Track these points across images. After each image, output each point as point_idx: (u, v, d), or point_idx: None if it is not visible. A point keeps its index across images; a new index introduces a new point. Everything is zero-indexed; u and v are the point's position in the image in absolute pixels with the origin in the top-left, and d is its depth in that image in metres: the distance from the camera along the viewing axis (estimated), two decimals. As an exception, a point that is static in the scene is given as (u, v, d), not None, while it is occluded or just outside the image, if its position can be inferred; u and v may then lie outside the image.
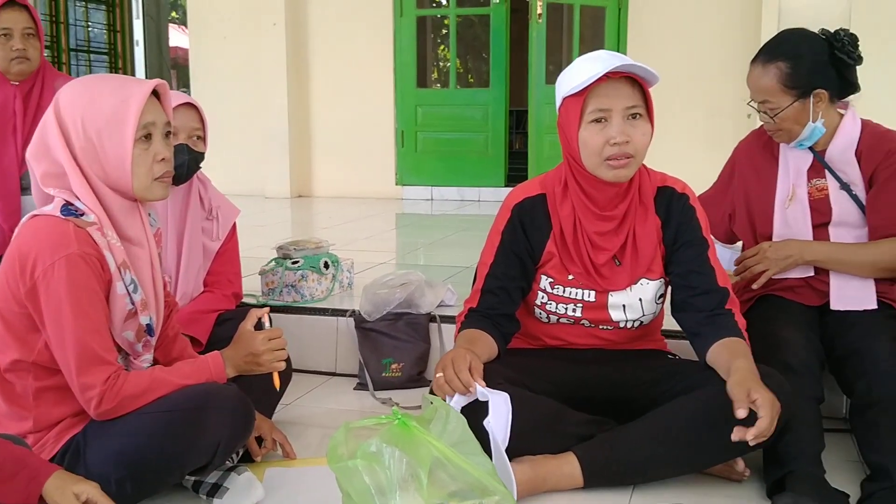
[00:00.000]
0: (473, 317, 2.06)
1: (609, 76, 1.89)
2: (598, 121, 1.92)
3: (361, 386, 2.66)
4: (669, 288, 2.10)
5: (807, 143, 2.28)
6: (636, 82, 1.91)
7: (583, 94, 1.92)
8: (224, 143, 7.02)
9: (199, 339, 2.25)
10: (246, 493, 1.83)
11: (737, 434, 1.68)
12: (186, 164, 2.26)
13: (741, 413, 1.67)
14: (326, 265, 2.99)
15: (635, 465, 1.88)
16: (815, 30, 2.32)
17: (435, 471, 1.41)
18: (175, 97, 2.23)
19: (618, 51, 6.02)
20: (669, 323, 2.19)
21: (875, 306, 2.22)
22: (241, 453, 1.99)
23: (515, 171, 6.44)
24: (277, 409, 2.34)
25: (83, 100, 1.66)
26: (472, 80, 10.49)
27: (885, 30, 5.11)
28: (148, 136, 1.69)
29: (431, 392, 1.92)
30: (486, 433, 1.74)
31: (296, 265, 2.93)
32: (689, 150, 5.73)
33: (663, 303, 2.12)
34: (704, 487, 1.84)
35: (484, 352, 1.99)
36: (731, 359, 1.84)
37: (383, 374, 2.65)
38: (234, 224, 2.50)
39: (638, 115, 1.92)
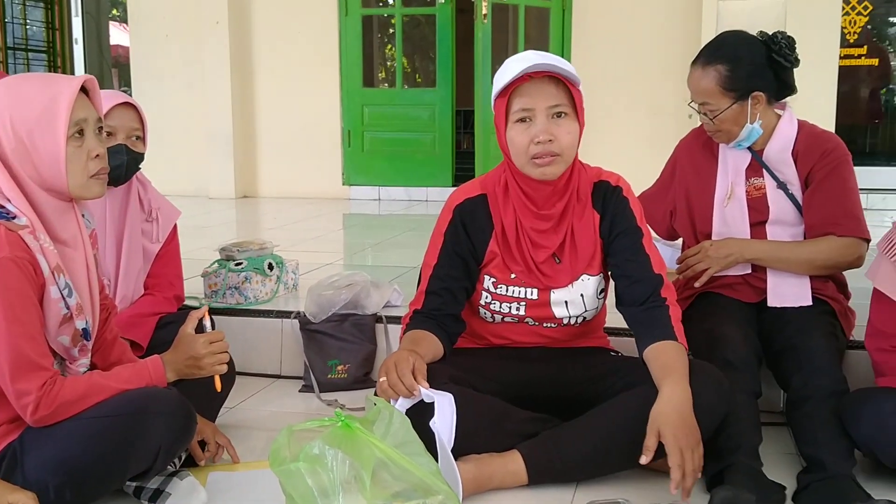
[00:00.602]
0: (418, 318, 2.06)
1: (532, 76, 1.90)
2: (522, 120, 1.94)
3: (307, 388, 2.65)
4: (611, 283, 2.12)
5: (745, 144, 2.33)
6: (561, 82, 1.93)
7: (507, 94, 1.94)
8: (166, 143, 6.91)
9: (140, 342, 2.21)
10: (188, 498, 1.80)
11: (642, 460, 1.74)
12: (126, 164, 2.22)
13: (643, 460, 1.74)
14: (271, 266, 2.97)
15: (579, 461, 1.90)
16: (753, 32, 2.37)
17: (378, 472, 1.41)
18: (113, 97, 2.19)
19: (562, 51, 6.10)
20: (612, 320, 2.22)
21: (810, 303, 2.28)
22: (183, 457, 1.96)
23: (463, 171, 6.46)
24: (221, 413, 2.31)
25: (10, 100, 1.62)
26: (419, 80, 10.49)
27: (819, 32, 5.25)
28: (80, 133, 1.67)
29: (376, 394, 1.92)
30: (432, 434, 1.74)
31: (239, 267, 2.89)
32: (633, 148, 5.81)
33: (605, 298, 2.14)
34: (647, 482, 1.86)
35: (429, 352, 1.99)
36: (659, 379, 1.86)
37: (329, 376, 2.64)
38: (175, 226, 2.47)
39: (563, 114, 1.93)
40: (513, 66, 1.92)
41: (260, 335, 2.81)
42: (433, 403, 1.77)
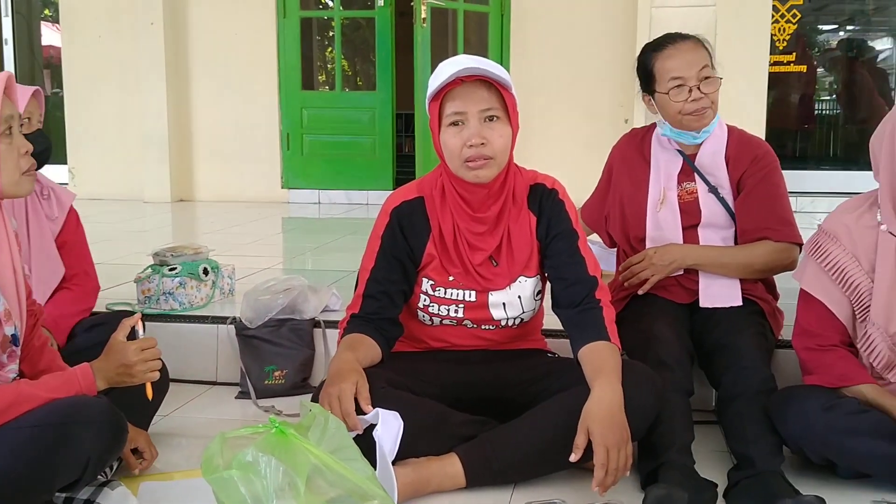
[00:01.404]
0: (356, 322, 2.06)
1: (464, 80, 1.91)
2: (455, 123, 1.95)
3: (243, 394, 2.61)
4: (548, 284, 2.14)
5: (705, 135, 2.37)
6: (493, 86, 1.94)
7: (440, 98, 1.95)
8: (99, 146, 6.79)
9: (59, 343, 2.18)
10: (119, 509, 1.77)
11: (572, 457, 1.77)
12: (49, 149, 2.19)
13: (572, 458, 1.77)
14: (206, 271, 2.92)
15: (516, 462, 1.91)
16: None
17: (313, 478, 1.40)
18: (22, 88, 2.16)
19: (500, 56, 6.14)
20: (550, 322, 2.24)
21: (740, 303, 2.34)
22: (115, 467, 1.92)
23: (404, 174, 6.45)
24: (155, 421, 2.27)
25: None
26: (360, 83, 10.46)
27: (749, 40, 5.38)
28: (9, 131, 1.63)
29: (314, 399, 1.91)
30: (374, 440, 1.75)
31: (173, 272, 2.84)
32: (570, 152, 5.88)
33: (542, 299, 2.16)
34: (584, 482, 1.87)
35: (366, 357, 1.99)
36: (592, 378, 1.88)
37: (266, 382, 2.61)
38: (76, 214, 2.42)
39: (495, 118, 1.95)
40: (445, 70, 1.93)
41: (195, 341, 2.76)
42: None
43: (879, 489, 1.92)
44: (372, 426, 1.80)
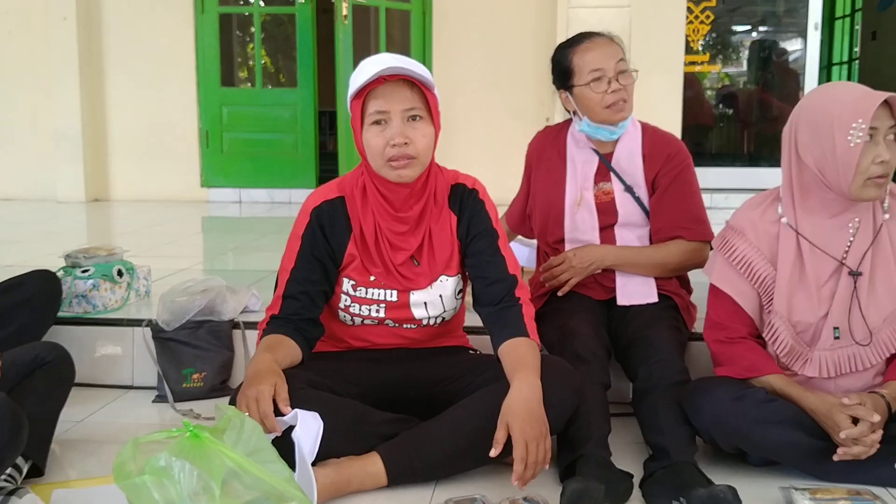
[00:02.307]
0: (275, 323, 2.03)
1: (387, 79, 1.91)
2: (378, 122, 1.94)
3: (161, 398, 2.56)
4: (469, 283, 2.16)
5: (620, 132, 2.41)
6: (416, 85, 1.95)
7: (362, 97, 1.94)
8: (11, 144, 6.56)
9: None
10: (29, 517, 1.71)
11: (492, 452, 1.78)
12: None
13: (492, 453, 1.78)
14: (120, 273, 2.85)
15: (437, 459, 1.92)
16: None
17: (229, 481, 1.38)
18: None
19: (423, 54, 6.15)
20: (471, 320, 2.25)
21: (656, 300, 2.39)
22: (24, 472, 1.86)
23: (328, 173, 6.39)
24: (69, 427, 2.21)
25: None
26: (283, 80, 10.33)
27: (663, 39, 5.50)
28: None
29: (232, 401, 1.88)
30: (293, 442, 1.73)
31: (86, 274, 2.77)
32: (494, 151, 5.92)
33: (463, 298, 2.17)
34: (505, 477, 1.89)
35: (286, 358, 1.97)
36: (511, 374, 1.90)
37: (184, 385, 2.56)
38: None
39: (418, 117, 1.95)
40: (367, 69, 1.92)
41: (110, 345, 2.69)
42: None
43: (787, 476, 1.99)
44: (291, 427, 1.78)
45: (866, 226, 2.02)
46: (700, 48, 6.39)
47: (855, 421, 1.88)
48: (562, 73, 2.43)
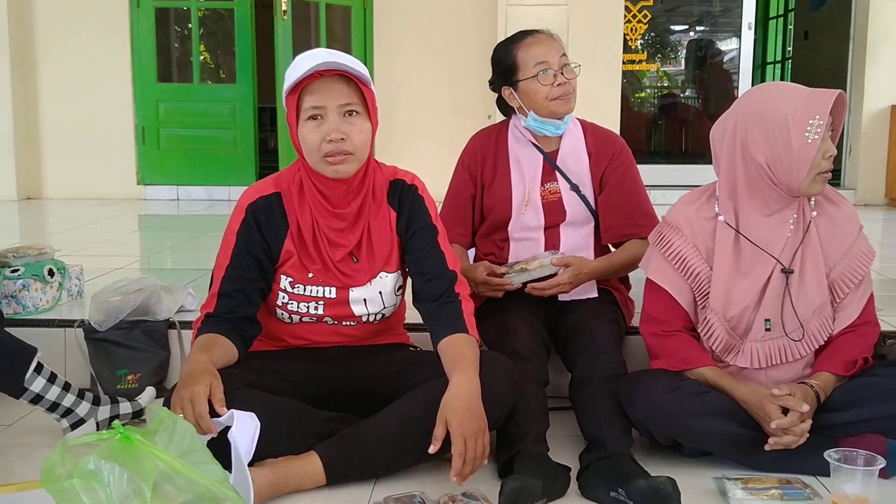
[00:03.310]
0: (210, 322, 2.00)
1: (323, 74, 1.90)
2: (314, 118, 1.93)
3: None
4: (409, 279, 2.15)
5: (564, 127, 2.43)
6: (352, 81, 1.93)
7: (298, 92, 1.92)
8: (-64, 141, 6.34)
9: None
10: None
11: (431, 449, 1.79)
12: None
13: (431, 449, 1.78)
14: (51, 273, 2.78)
15: (377, 457, 1.91)
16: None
17: (161, 484, 1.35)
18: None
19: (364, 50, 6.12)
20: (412, 316, 2.25)
21: (596, 295, 2.42)
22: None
23: (268, 169, 6.31)
24: (-2, 432, 2.15)
25: None
26: (223, 76, 10.18)
27: (601, 38, 5.57)
28: None
29: (166, 403, 1.85)
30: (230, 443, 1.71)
31: (16, 274, 2.69)
32: (436, 147, 5.90)
33: (403, 294, 2.17)
34: (444, 473, 1.89)
35: (222, 357, 1.94)
36: (450, 370, 1.91)
37: (118, 387, 2.50)
38: None
39: (355, 113, 1.94)
40: (303, 64, 1.90)
41: (41, 346, 2.57)
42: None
43: (721, 466, 2.03)
44: (228, 428, 1.75)
45: (798, 223, 2.08)
46: (639, 47, 6.48)
47: (785, 411, 1.93)
48: (505, 70, 2.43)
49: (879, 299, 2.28)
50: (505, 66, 2.43)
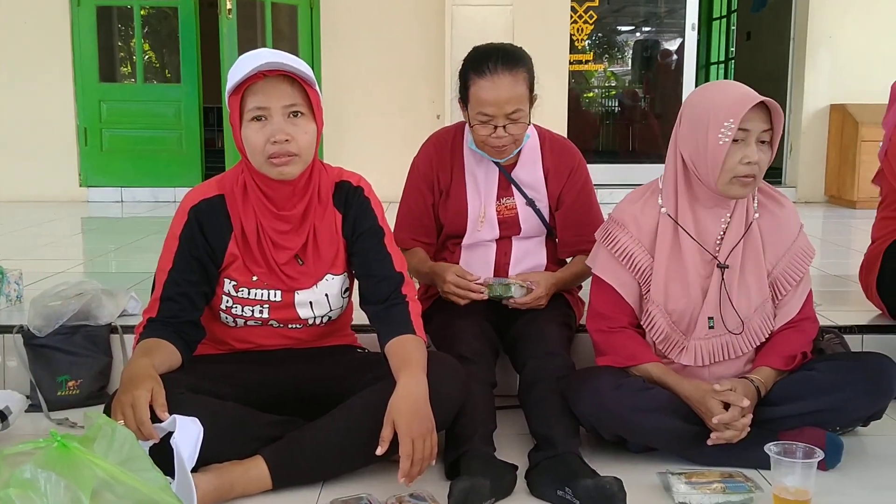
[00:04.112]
0: (152, 326, 1.97)
1: (266, 74, 1.88)
2: (257, 119, 1.90)
3: (34, 407, 2.44)
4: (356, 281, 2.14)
5: (507, 160, 2.38)
6: (297, 81, 1.91)
7: (241, 93, 1.90)
8: None
9: None
10: None
11: (378, 451, 1.79)
12: None
13: (379, 451, 1.78)
14: (-12, 278, 2.71)
15: (323, 460, 1.90)
16: (484, 37, 2.46)
17: (100, 492, 1.33)
18: None
19: (311, 50, 6.08)
20: (359, 318, 2.23)
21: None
22: None
23: (215, 170, 6.22)
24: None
25: None
26: (169, 75, 10.04)
27: (547, 39, 5.60)
28: None
29: (107, 408, 1.82)
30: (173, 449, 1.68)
31: (-50, 279, 2.62)
32: (386, 147, 5.91)
33: (350, 296, 2.16)
34: (392, 475, 1.88)
35: (164, 362, 1.91)
36: (397, 371, 1.90)
37: (59, 393, 2.45)
38: None
39: (299, 114, 1.92)
40: (246, 64, 1.88)
41: (-22, 353, 2.55)
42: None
43: (665, 461, 2.06)
44: (170, 434, 1.73)
45: (738, 221, 2.11)
46: (586, 47, 6.54)
47: (727, 406, 1.96)
48: (461, 89, 2.35)
49: (819, 295, 2.35)
50: (461, 85, 2.34)
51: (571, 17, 6.17)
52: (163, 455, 1.68)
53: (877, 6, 6.02)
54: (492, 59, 2.25)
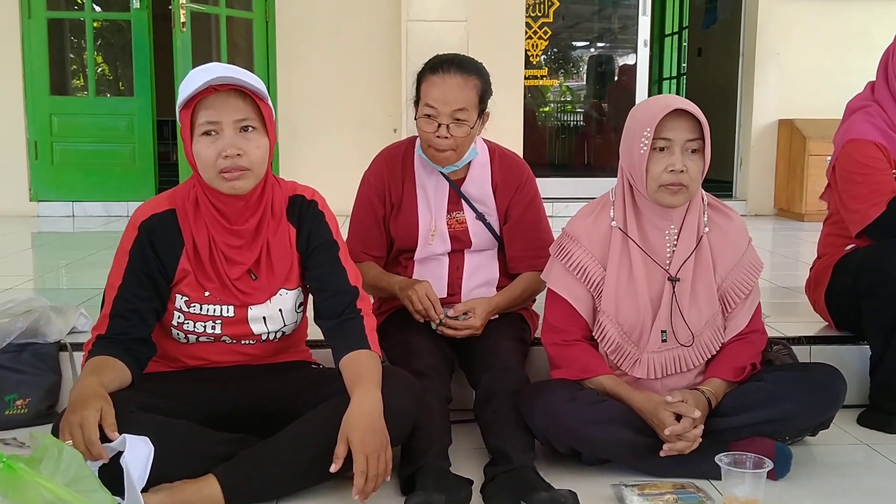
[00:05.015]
0: (102, 343, 1.94)
1: (218, 88, 1.87)
2: (208, 133, 1.89)
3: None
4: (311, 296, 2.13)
5: (458, 166, 2.40)
6: (248, 96, 1.91)
7: (192, 107, 1.89)
8: None
9: None
10: None
11: (332, 468, 1.78)
12: None
13: (333, 468, 1.77)
14: (-68, 295, 2.64)
15: (277, 478, 1.88)
16: (439, 51, 2.47)
17: (46, 514, 1.30)
18: None
19: (267, 63, 6.05)
20: (314, 333, 2.22)
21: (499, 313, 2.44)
22: None
23: (169, 184, 6.10)
24: None
25: None
26: (122, 88, 9.92)
27: (502, 54, 5.63)
28: None
29: (55, 428, 1.78)
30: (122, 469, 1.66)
31: None
32: (341, 160, 5.87)
33: (304, 311, 2.15)
34: (347, 492, 1.87)
35: (113, 380, 1.88)
36: (351, 387, 1.90)
37: (6, 412, 2.39)
38: None
39: (251, 128, 1.91)
40: (197, 78, 1.87)
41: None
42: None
43: (618, 473, 2.07)
44: (120, 453, 1.70)
45: (689, 235, 2.15)
46: (541, 62, 6.61)
47: (679, 418, 1.99)
48: (416, 90, 2.39)
49: (768, 306, 2.39)
50: (416, 87, 2.39)
51: (526, 32, 6.23)
52: (113, 475, 1.65)
53: (822, 23, 6.17)
54: (448, 61, 2.34)
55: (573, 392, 2.06)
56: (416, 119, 2.39)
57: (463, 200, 2.45)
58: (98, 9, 6.99)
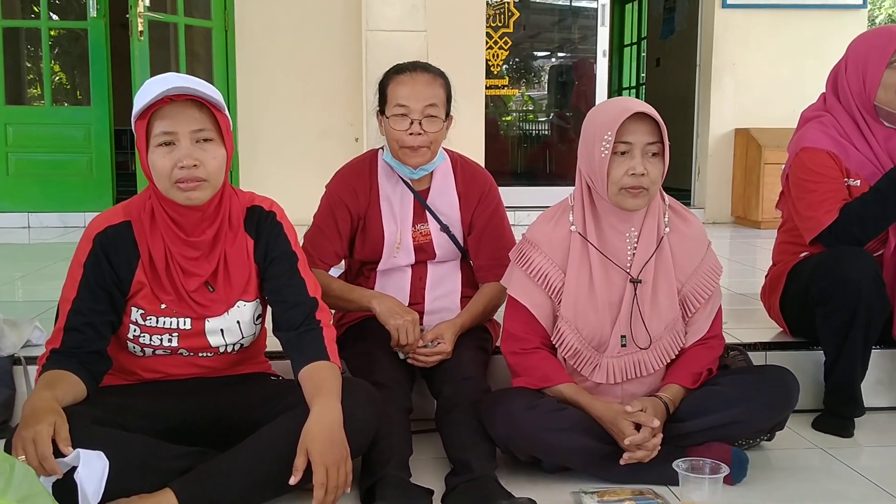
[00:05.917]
0: (56, 357, 1.90)
1: (174, 98, 1.85)
2: (164, 144, 1.87)
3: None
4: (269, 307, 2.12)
5: (427, 170, 2.41)
6: (205, 106, 1.89)
7: (147, 117, 1.87)
8: None
9: None
10: None
11: (292, 480, 1.77)
12: None
13: (292, 481, 1.77)
14: None
15: (236, 492, 1.85)
16: (398, 61, 2.48)
17: (-4, 533, 1.28)
18: None
19: (226, 72, 6.01)
20: (273, 344, 2.21)
21: None
22: None
23: (127, 194, 6.00)
24: None
25: None
26: (80, 97, 9.79)
27: (463, 64, 5.65)
28: None
29: (7, 444, 1.75)
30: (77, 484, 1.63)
31: None
32: (302, 170, 5.85)
33: (263, 323, 2.13)
34: (308, 503, 1.86)
35: (68, 394, 1.84)
36: (311, 398, 1.88)
37: (-43, 428, 2.35)
38: None
39: (207, 139, 1.90)
40: (152, 88, 1.85)
41: None
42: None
43: (578, 480, 2.09)
44: (74, 469, 1.67)
45: (649, 237, 2.16)
46: (503, 72, 6.64)
47: (638, 427, 2.00)
48: (380, 97, 2.41)
49: (725, 312, 2.41)
50: (380, 94, 2.41)
51: (487, 42, 6.26)
52: (67, 491, 1.63)
53: (776, 35, 6.28)
54: (413, 63, 2.40)
55: (533, 400, 2.07)
56: (381, 124, 2.40)
57: (427, 212, 2.46)
58: (55, 17, 6.88)
